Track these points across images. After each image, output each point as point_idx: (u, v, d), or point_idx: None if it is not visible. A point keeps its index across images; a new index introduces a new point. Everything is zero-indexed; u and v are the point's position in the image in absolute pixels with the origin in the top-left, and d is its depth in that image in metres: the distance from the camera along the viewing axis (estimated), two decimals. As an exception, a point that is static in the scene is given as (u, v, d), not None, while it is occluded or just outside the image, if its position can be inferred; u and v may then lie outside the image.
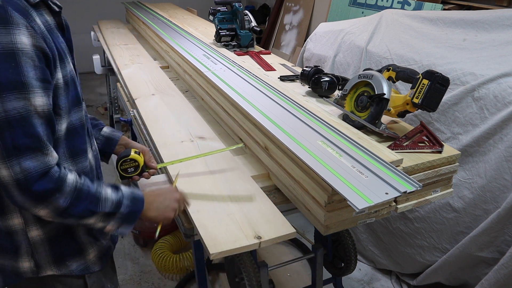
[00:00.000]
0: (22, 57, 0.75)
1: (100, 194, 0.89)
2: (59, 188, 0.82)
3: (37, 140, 0.78)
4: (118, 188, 0.94)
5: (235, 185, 1.20)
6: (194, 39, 2.29)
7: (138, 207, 0.96)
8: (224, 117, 1.58)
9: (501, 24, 1.89)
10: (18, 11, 0.76)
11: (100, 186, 0.90)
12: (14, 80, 0.74)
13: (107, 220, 0.91)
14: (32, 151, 0.78)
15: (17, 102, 0.75)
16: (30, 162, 0.77)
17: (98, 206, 0.88)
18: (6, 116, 0.75)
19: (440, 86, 1.22)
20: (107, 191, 0.91)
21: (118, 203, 0.91)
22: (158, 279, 2.26)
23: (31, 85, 0.76)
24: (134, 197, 0.95)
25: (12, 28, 0.74)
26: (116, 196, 0.91)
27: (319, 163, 1.04)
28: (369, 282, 2.23)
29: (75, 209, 0.85)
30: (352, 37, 2.35)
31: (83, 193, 0.86)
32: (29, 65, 0.76)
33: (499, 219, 1.61)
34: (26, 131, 0.77)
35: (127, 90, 1.98)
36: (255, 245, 0.99)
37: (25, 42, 0.76)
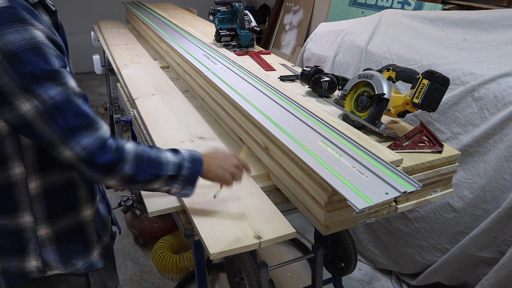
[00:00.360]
0: (46, 48, 0.79)
1: (161, 158, 0.92)
2: (122, 157, 0.86)
3: (86, 117, 0.83)
4: (177, 151, 0.97)
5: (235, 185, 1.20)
6: (194, 39, 2.29)
7: (198, 168, 0.98)
8: (224, 117, 1.58)
9: (501, 24, 1.89)
10: (25, 10, 0.79)
11: (159, 151, 0.94)
12: (48, 70, 0.78)
13: (171, 183, 0.95)
14: (85, 129, 0.82)
15: (57, 88, 0.80)
16: (87, 139, 0.82)
17: (161, 169, 0.92)
18: (54, 103, 0.79)
19: (440, 86, 1.22)
20: (167, 155, 0.94)
21: (179, 165, 0.94)
22: (158, 279, 2.26)
23: (62, 72, 0.81)
24: (194, 159, 0.98)
25: (27, 24, 0.77)
26: (176, 159, 0.95)
27: (319, 163, 1.04)
28: (369, 282, 2.23)
29: (141, 174, 0.89)
30: (352, 37, 2.35)
31: (145, 158, 0.90)
32: (53, 55, 0.80)
33: (499, 219, 1.61)
34: (74, 111, 0.81)
35: (127, 90, 1.98)
36: (255, 245, 0.99)
37: (41, 36, 0.79)
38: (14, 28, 0.76)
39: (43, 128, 0.80)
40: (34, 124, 0.80)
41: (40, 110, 0.79)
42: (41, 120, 0.79)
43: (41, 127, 0.80)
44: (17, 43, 0.76)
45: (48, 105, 0.79)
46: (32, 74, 0.77)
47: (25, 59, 0.76)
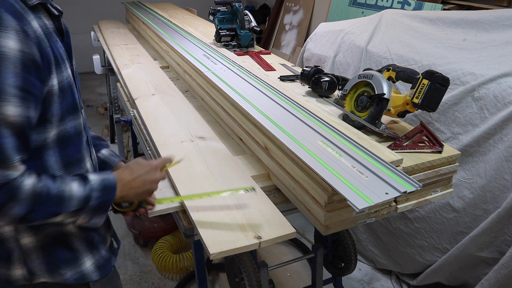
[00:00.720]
0: (3, 61, 0.71)
1: (63, 193, 0.81)
2: (11, 197, 0.75)
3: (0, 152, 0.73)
4: (86, 179, 0.86)
5: (235, 185, 1.20)
6: (194, 39, 2.29)
7: (110, 197, 0.89)
8: (224, 117, 1.58)
9: (501, 24, 1.89)
10: (11, 13, 0.73)
11: (63, 182, 0.82)
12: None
13: (75, 216, 0.85)
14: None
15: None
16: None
17: (62, 206, 0.81)
18: None
19: (440, 86, 1.22)
20: (72, 188, 0.83)
21: (86, 198, 0.84)
22: (158, 279, 2.26)
23: (5, 92, 0.71)
24: (105, 186, 0.88)
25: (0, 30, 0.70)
26: (83, 191, 0.84)
27: (319, 163, 1.04)
28: (369, 282, 2.23)
29: (35, 214, 0.79)
30: (352, 37, 2.35)
31: (43, 196, 0.79)
32: (9, 71, 0.71)
33: (499, 219, 1.61)
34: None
35: (127, 90, 1.98)
36: (255, 245, 0.99)
37: (10, 46, 0.71)
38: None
39: None
40: None
41: None
42: None
43: None
44: None
45: None
46: None
47: None
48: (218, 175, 1.25)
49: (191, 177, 1.23)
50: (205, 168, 1.28)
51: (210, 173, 1.26)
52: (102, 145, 1.14)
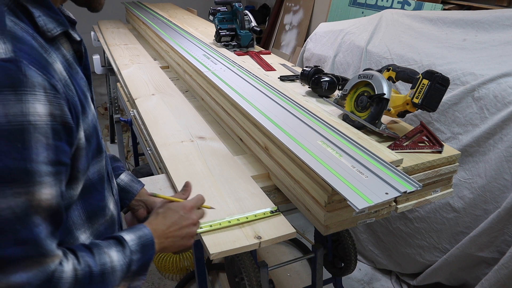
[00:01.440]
0: (34, 134, 0.56)
1: (104, 267, 0.69)
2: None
3: (33, 246, 0.59)
4: (123, 242, 0.74)
5: (235, 185, 1.20)
6: (194, 39, 2.29)
7: (150, 255, 0.78)
8: (224, 117, 1.58)
9: (501, 24, 1.89)
10: (35, 64, 0.57)
11: (102, 253, 0.70)
12: (16, 168, 0.55)
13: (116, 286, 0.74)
14: (24, 262, 0.58)
15: (14, 198, 0.56)
16: (22, 274, 0.57)
17: (106, 283, 0.70)
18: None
19: (440, 86, 1.22)
20: (113, 258, 0.71)
21: (127, 266, 0.73)
22: (158, 279, 2.26)
23: (39, 173, 0.57)
24: (143, 245, 0.77)
25: (25, 93, 0.55)
26: (123, 259, 0.73)
27: (319, 163, 1.04)
28: (369, 282, 2.23)
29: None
30: (352, 37, 2.35)
31: (86, 279, 0.66)
32: (41, 145, 0.57)
33: (499, 219, 1.61)
34: (19, 236, 0.57)
35: (127, 90, 1.98)
36: (255, 245, 0.99)
37: (39, 112, 0.56)
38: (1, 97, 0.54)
39: None
40: None
41: None
42: None
43: None
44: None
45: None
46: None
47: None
48: (218, 175, 1.25)
49: (191, 177, 1.23)
50: (205, 168, 1.28)
51: (210, 173, 1.26)
52: (119, 169, 1.03)
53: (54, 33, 0.65)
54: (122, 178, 1.02)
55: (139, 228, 0.80)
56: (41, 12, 0.63)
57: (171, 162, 1.31)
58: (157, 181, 1.26)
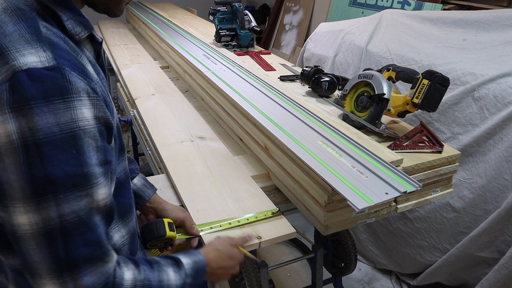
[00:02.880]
0: (85, 138, 0.57)
1: (162, 283, 0.71)
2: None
3: (98, 246, 0.61)
4: (179, 263, 0.77)
5: (235, 185, 1.20)
6: (194, 39, 2.29)
7: (200, 279, 0.80)
8: (224, 117, 1.58)
9: (501, 24, 1.89)
10: (76, 69, 0.57)
11: (161, 270, 0.73)
12: (74, 174, 0.57)
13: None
14: (91, 263, 0.60)
15: (77, 202, 0.58)
16: (89, 277, 0.59)
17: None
18: (61, 223, 0.57)
19: (440, 86, 1.22)
20: (170, 276, 0.74)
21: (181, 287, 0.75)
22: (158, 279, 2.26)
23: (95, 176, 0.59)
24: (197, 269, 0.79)
25: (73, 99, 0.56)
26: (179, 279, 0.75)
27: (319, 163, 1.04)
28: (369, 282, 2.23)
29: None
30: (352, 37, 2.35)
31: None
32: (92, 148, 0.59)
33: (499, 219, 1.61)
34: (86, 238, 0.59)
35: (127, 90, 1.98)
36: (255, 245, 0.99)
37: (87, 117, 0.57)
38: (51, 106, 0.54)
39: (31, 251, 0.57)
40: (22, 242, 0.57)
41: (38, 229, 0.56)
42: (33, 242, 0.57)
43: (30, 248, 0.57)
44: (46, 130, 0.54)
45: (52, 226, 0.56)
46: (49, 178, 0.55)
47: (49, 155, 0.54)
48: (218, 175, 1.25)
49: (191, 177, 1.23)
50: (205, 168, 1.29)
51: (210, 173, 1.26)
52: (133, 171, 1.04)
53: (81, 36, 0.66)
54: (135, 182, 1.03)
55: (195, 254, 0.82)
56: (68, 16, 0.64)
57: (171, 162, 1.31)
58: (157, 181, 1.26)
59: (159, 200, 1.05)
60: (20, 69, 0.53)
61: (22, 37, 0.56)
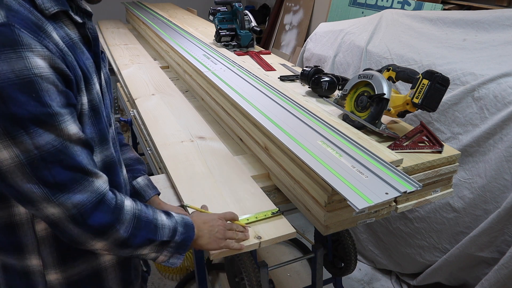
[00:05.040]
0: (43, 83, 0.64)
1: (156, 220, 0.82)
2: (118, 217, 0.75)
3: (80, 170, 0.70)
4: (170, 214, 0.87)
5: (235, 185, 1.20)
6: (194, 39, 2.29)
7: (190, 234, 0.88)
8: (224, 117, 1.58)
9: (501, 24, 1.89)
10: (27, 28, 0.64)
11: (155, 211, 0.84)
12: (39, 113, 0.64)
13: (160, 250, 0.84)
14: (78, 183, 0.70)
15: (48, 135, 0.66)
16: (80, 195, 0.70)
17: (157, 234, 0.81)
18: (40, 153, 0.65)
19: (440, 86, 1.22)
20: (162, 217, 0.84)
21: (174, 230, 0.85)
22: (158, 279, 2.26)
23: (60, 114, 0.66)
24: (186, 223, 0.88)
25: (24, 50, 0.62)
26: (171, 223, 0.85)
27: (319, 163, 1.04)
28: (369, 282, 2.23)
29: (135, 239, 0.78)
30: (352, 37, 2.35)
31: (142, 220, 0.80)
32: (52, 92, 0.65)
33: (499, 219, 1.61)
34: (66, 164, 0.68)
35: (127, 90, 1.98)
36: (255, 245, 0.99)
37: (41, 65, 0.64)
38: (3, 56, 0.61)
39: (20, 182, 0.66)
40: (9, 175, 0.66)
41: (20, 160, 0.64)
42: (19, 172, 0.65)
43: (17, 180, 0.66)
44: (2, 76, 0.61)
45: (32, 156, 0.65)
46: (16, 117, 0.62)
47: (10, 97, 0.61)
48: (218, 175, 1.25)
49: (191, 177, 1.23)
50: (205, 168, 1.29)
51: (210, 173, 1.26)
52: (139, 171, 1.09)
53: (51, 11, 0.69)
54: (138, 181, 1.08)
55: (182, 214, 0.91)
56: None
57: (171, 162, 1.31)
58: (157, 181, 1.26)
59: (158, 201, 1.08)
60: None
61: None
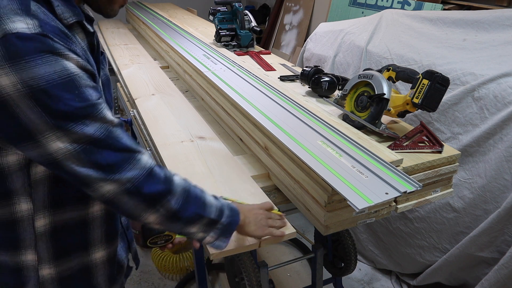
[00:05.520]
0: (81, 81, 0.71)
1: (205, 198, 0.86)
2: (170, 188, 0.80)
3: (127, 150, 0.76)
4: (216, 197, 0.90)
5: (235, 185, 1.20)
6: (194, 39, 2.29)
7: (236, 219, 0.91)
8: (224, 117, 1.58)
9: (501, 24, 1.89)
10: (58, 36, 0.70)
11: (202, 191, 0.87)
12: (83, 107, 0.70)
13: (208, 230, 0.87)
14: (128, 162, 0.76)
15: (94, 124, 0.72)
16: (132, 171, 0.75)
17: (206, 210, 0.84)
18: (90, 141, 0.71)
19: (440, 86, 1.22)
20: (210, 197, 0.88)
21: (221, 210, 0.87)
22: (158, 279, 2.26)
23: (99, 104, 0.73)
24: (232, 208, 0.91)
25: (59, 54, 0.68)
26: (218, 203, 0.88)
27: (319, 163, 1.04)
28: (369, 282, 2.23)
29: (185, 212, 0.82)
30: (352, 37, 2.35)
31: (191, 195, 0.83)
32: (89, 87, 0.72)
33: (499, 219, 1.61)
34: (114, 146, 0.74)
35: (127, 90, 1.98)
36: (255, 245, 0.99)
37: (74, 66, 0.70)
38: (44, 59, 0.66)
39: (76, 167, 0.72)
40: (65, 163, 0.72)
41: (74, 148, 0.71)
42: (75, 159, 0.71)
43: (74, 166, 0.72)
44: (47, 77, 0.66)
45: (84, 144, 0.71)
46: (65, 113, 0.69)
47: (57, 96, 0.67)
48: (218, 175, 1.25)
49: (191, 177, 1.22)
50: (205, 168, 1.28)
51: (210, 173, 1.26)
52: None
53: (70, 21, 0.75)
54: None
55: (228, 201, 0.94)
56: (59, 2, 0.75)
57: (171, 162, 1.31)
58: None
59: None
60: (10, 32, 0.64)
61: (14, 10, 0.66)
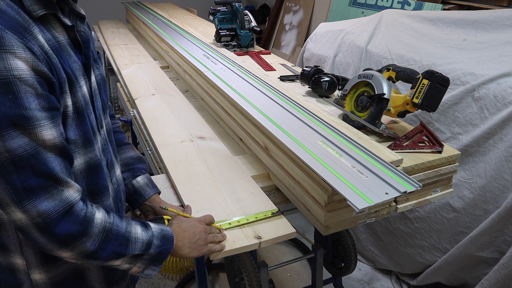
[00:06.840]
0: (21, 85, 0.64)
1: (129, 234, 0.80)
2: (86, 230, 0.73)
3: (50, 177, 0.69)
4: (147, 225, 0.85)
5: (235, 185, 1.20)
6: (194, 39, 2.29)
7: (168, 247, 0.86)
8: (224, 117, 1.58)
9: (501, 24, 1.89)
10: (12, 29, 0.64)
11: (129, 224, 0.82)
12: (14, 115, 0.64)
13: (134, 262, 0.82)
14: (46, 190, 0.68)
15: (21, 138, 0.65)
16: (47, 203, 0.68)
17: (128, 248, 0.79)
18: (11, 157, 0.65)
19: (440, 86, 1.22)
20: (137, 230, 0.82)
21: (148, 243, 0.82)
22: (158, 279, 2.26)
23: (36, 118, 0.66)
24: (164, 236, 0.86)
25: (5, 51, 0.63)
26: (146, 236, 0.83)
27: (319, 163, 1.04)
28: (369, 282, 2.23)
29: (103, 252, 0.76)
30: (352, 37, 2.35)
31: (112, 234, 0.77)
32: (31, 94, 0.65)
33: (499, 219, 1.61)
34: (36, 169, 0.67)
35: (127, 90, 1.98)
36: (255, 245, 0.99)
37: (22, 67, 0.64)
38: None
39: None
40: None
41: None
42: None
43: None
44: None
45: (2, 158, 0.64)
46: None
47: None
48: (218, 175, 1.25)
49: (191, 177, 1.23)
50: (205, 168, 1.28)
51: (210, 173, 1.26)
52: (139, 170, 1.10)
53: (38, 13, 0.70)
54: (138, 180, 1.08)
55: (161, 223, 0.90)
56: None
57: (171, 162, 1.31)
58: (157, 181, 1.26)
59: (159, 200, 1.09)
60: None
61: None
